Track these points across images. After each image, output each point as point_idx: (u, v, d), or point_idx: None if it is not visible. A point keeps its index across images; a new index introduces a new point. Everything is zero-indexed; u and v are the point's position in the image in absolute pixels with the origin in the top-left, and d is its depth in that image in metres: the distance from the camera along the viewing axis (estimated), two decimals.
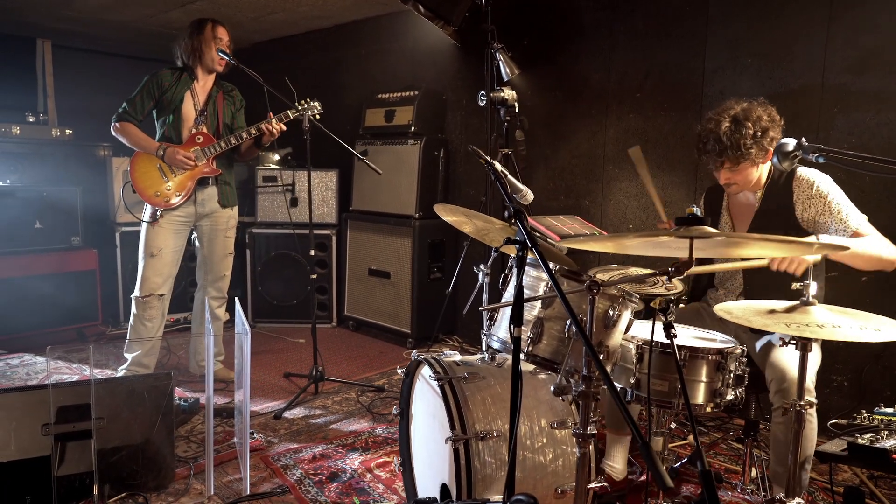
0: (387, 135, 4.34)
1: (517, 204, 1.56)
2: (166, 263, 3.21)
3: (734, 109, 2.13)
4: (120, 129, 3.15)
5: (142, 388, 2.27)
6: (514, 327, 1.43)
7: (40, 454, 2.16)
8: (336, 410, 3.22)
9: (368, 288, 4.51)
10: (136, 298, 3.22)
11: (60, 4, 4.42)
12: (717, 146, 2.11)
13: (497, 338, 1.86)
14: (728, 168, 2.16)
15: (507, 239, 1.46)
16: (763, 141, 2.08)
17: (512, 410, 1.48)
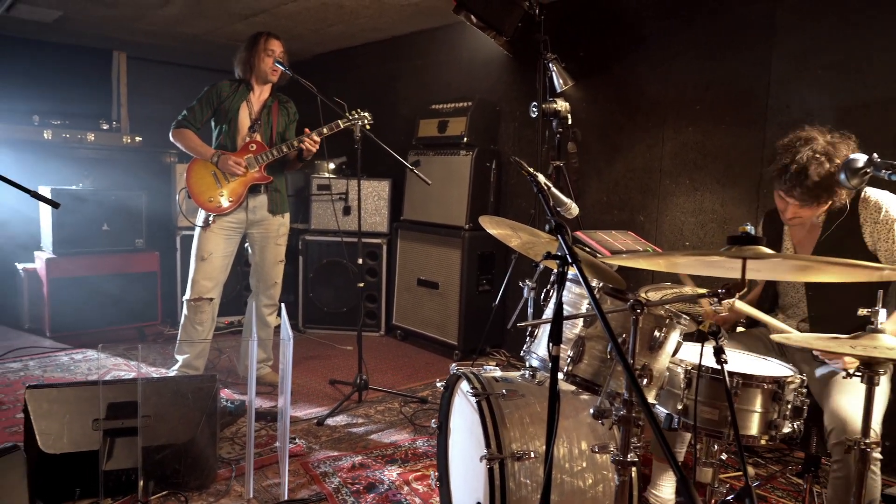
0: (439, 145, 4.34)
1: (559, 218, 1.51)
2: (216, 268, 3.29)
3: (818, 142, 1.95)
4: (178, 135, 3.26)
5: (187, 389, 2.31)
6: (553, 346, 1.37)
7: (90, 448, 2.24)
8: (378, 420, 3.21)
9: (417, 298, 4.51)
10: (187, 301, 3.31)
11: (136, 18, 4.64)
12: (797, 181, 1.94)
13: (537, 355, 1.81)
14: (797, 205, 2.01)
15: (546, 254, 1.41)
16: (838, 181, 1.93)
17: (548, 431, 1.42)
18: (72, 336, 4.38)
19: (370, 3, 4.02)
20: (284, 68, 3.23)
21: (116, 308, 4.57)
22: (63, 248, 4.35)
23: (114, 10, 4.44)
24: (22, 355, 4.01)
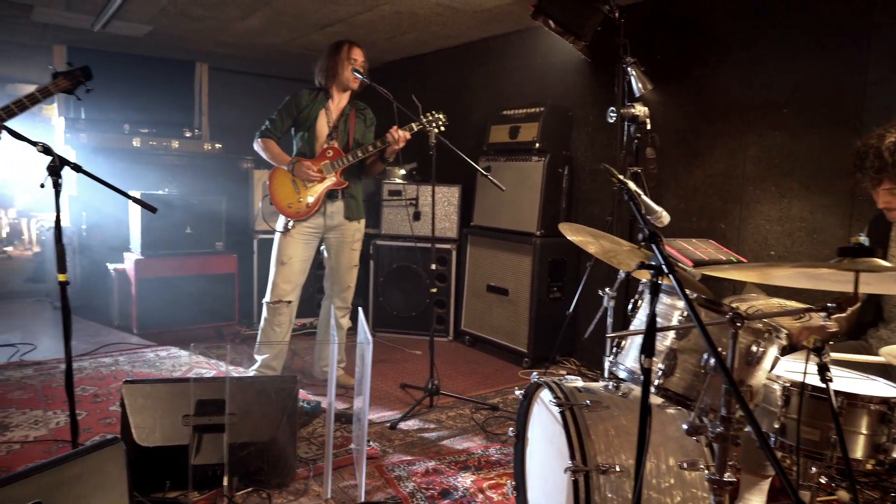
0: (511, 151, 4.33)
1: (652, 227, 1.47)
2: (295, 272, 3.38)
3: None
4: (261, 145, 3.37)
5: (270, 389, 2.38)
6: (646, 358, 1.34)
7: (180, 442, 2.33)
8: (450, 426, 3.21)
9: (486, 304, 4.50)
10: (267, 304, 3.41)
11: (219, 31, 4.84)
12: (877, 162, 1.89)
13: (624, 367, 1.76)
14: (888, 189, 1.92)
15: (640, 263, 1.37)
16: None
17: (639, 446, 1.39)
18: (156, 334, 4.60)
19: (443, 10, 4.05)
20: (363, 77, 3.29)
21: (197, 308, 4.78)
22: (150, 249, 4.57)
23: (200, 24, 4.65)
24: (112, 351, 4.24)
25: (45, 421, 3.06)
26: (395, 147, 3.25)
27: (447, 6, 3.96)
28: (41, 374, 3.73)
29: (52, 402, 3.29)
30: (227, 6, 4.12)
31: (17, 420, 3.06)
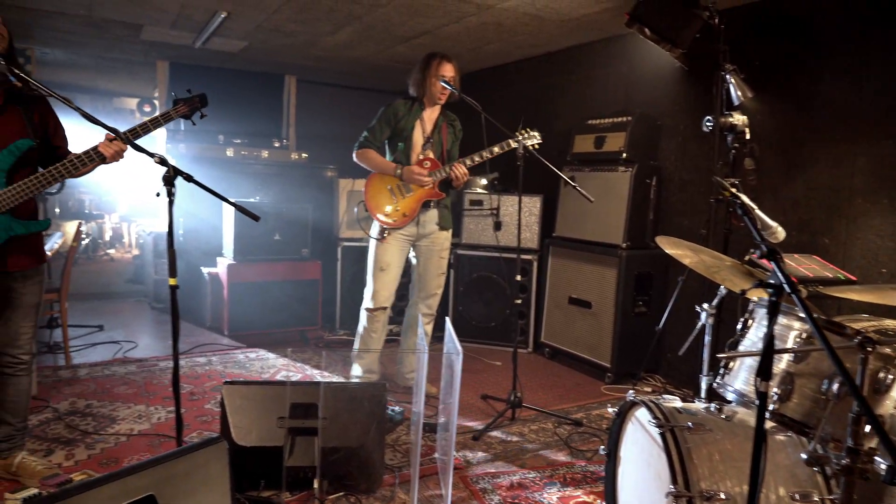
0: (596, 161, 4.25)
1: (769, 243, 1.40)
2: (393, 278, 3.46)
3: None
4: (361, 155, 3.43)
5: (361, 395, 2.42)
6: (762, 381, 1.27)
7: (274, 444, 2.41)
8: (533, 439, 3.17)
9: (568, 316, 4.42)
10: (368, 311, 3.49)
11: (309, 45, 5.02)
12: None
13: (732, 388, 1.68)
14: None
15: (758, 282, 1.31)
16: None
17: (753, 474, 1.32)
18: (245, 336, 4.79)
19: (530, 20, 4.04)
20: (453, 89, 3.31)
21: (283, 312, 4.94)
22: (242, 255, 4.77)
23: (292, 39, 4.83)
24: (206, 351, 4.44)
25: (148, 416, 3.24)
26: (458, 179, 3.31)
27: (534, 16, 3.94)
28: (143, 371, 3.95)
29: (154, 398, 3.48)
30: (319, 21, 4.26)
31: (122, 413, 3.25)
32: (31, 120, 2.28)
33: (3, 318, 2.36)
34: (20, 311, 2.37)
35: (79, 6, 4.11)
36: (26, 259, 2.33)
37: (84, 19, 4.43)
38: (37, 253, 2.39)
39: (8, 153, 2.17)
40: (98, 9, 4.17)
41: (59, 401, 3.38)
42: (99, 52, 5.78)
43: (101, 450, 2.84)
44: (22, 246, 2.29)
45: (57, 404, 3.32)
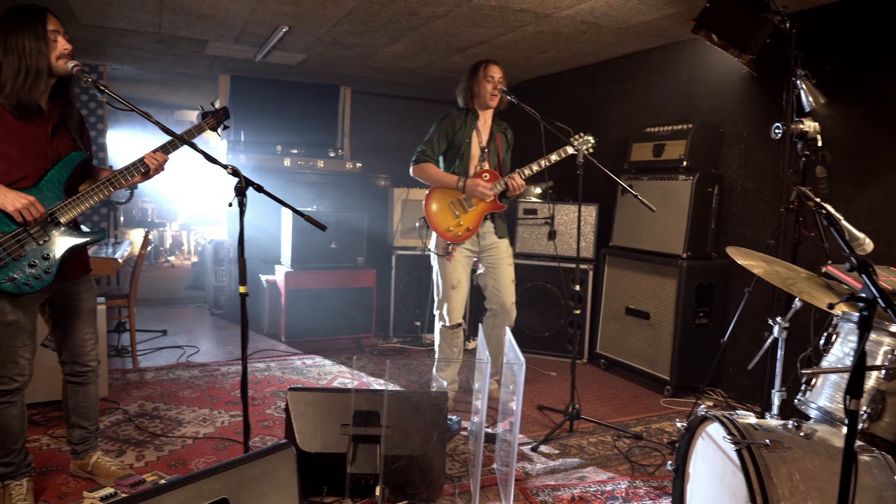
0: (654, 170, 4.17)
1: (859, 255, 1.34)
2: (464, 293, 3.48)
3: None
4: (419, 170, 3.43)
5: (424, 404, 2.43)
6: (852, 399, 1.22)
7: (337, 450, 2.44)
8: (592, 452, 3.11)
9: (624, 327, 4.34)
10: (445, 328, 3.51)
11: (366, 57, 5.10)
12: None
13: (815, 405, 1.62)
14: None
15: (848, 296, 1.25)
16: None
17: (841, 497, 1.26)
18: (301, 342, 4.88)
19: (588, 28, 4.01)
20: (507, 94, 3.31)
21: (338, 319, 5.02)
22: (299, 263, 4.87)
23: (349, 51, 4.92)
24: (264, 357, 4.54)
25: (212, 419, 3.33)
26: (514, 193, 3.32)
27: (592, 23, 3.91)
28: (206, 375, 4.07)
29: (217, 403, 3.57)
30: (376, 33, 4.34)
31: (188, 417, 3.35)
32: (78, 134, 2.37)
33: (67, 329, 2.44)
34: (82, 318, 2.46)
35: (150, 24, 4.29)
36: (80, 267, 2.42)
37: (154, 36, 4.63)
38: (86, 261, 2.48)
39: (64, 166, 2.24)
40: (168, 26, 4.35)
41: (128, 403, 3.50)
42: (165, 66, 6.02)
43: (170, 451, 2.93)
44: (77, 256, 2.37)
45: (126, 406, 3.45)
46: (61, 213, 2.20)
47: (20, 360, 2.24)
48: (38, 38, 2.12)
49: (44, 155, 2.21)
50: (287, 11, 3.89)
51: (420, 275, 5.11)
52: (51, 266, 2.19)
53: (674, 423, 3.54)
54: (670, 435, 3.36)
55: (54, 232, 2.20)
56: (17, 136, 2.15)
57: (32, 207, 2.10)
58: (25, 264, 2.14)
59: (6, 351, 2.21)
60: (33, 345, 2.29)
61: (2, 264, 2.10)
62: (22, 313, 2.21)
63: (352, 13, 3.87)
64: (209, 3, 3.79)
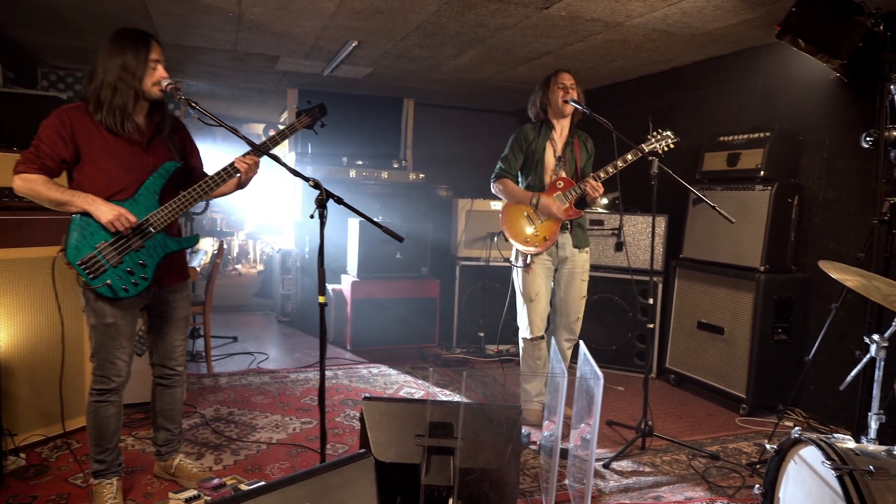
0: (728, 180, 4.04)
1: None
2: (544, 305, 3.45)
3: None
4: (499, 186, 3.45)
5: (499, 417, 2.41)
6: None
7: (411, 461, 2.44)
8: (666, 471, 3.02)
9: (696, 342, 4.21)
10: (525, 340, 3.50)
11: (431, 69, 5.16)
12: None
13: None
14: None
15: None
16: None
17: None
18: (365, 351, 4.94)
19: (659, 35, 3.93)
20: (580, 106, 3.28)
21: (402, 329, 5.06)
22: (365, 272, 4.94)
23: (415, 64, 4.99)
24: (331, 365, 4.62)
25: (284, 426, 3.40)
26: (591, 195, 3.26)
27: (663, 31, 3.83)
28: (276, 382, 4.17)
29: (288, 409, 3.65)
30: (443, 46, 4.38)
31: (261, 422, 3.43)
32: (175, 145, 2.47)
33: (160, 333, 2.56)
34: (174, 325, 2.56)
35: (227, 42, 4.46)
36: (177, 275, 2.52)
37: (230, 53, 4.81)
38: (184, 269, 2.58)
39: (158, 176, 2.34)
40: (243, 43, 4.51)
41: (204, 407, 3.62)
42: (237, 82, 6.25)
43: (245, 456, 3.01)
44: (173, 263, 2.47)
45: (203, 411, 3.56)
46: (154, 222, 2.30)
47: (118, 361, 2.36)
48: (138, 62, 2.23)
49: (140, 167, 2.32)
50: (358, 27, 3.98)
51: (484, 285, 5.10)
52: (147, 272, 2.30)
53: (752, 444, 3.40)
54: (749, 456, 3.23)
55: (149, 240, 2.31)
56: (115, 151, 2.27)
57: (123, 218, 2.20)
58: (123, 270, 2.26)
59: (105, 352, 2.34)
60: (131, 348, 2.40)
61: (101, 271, 2.22)
62: (121, 316, 2.32)
63: (421, 27, 3.92)
64: (285, 21, 3.92)
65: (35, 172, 2.17)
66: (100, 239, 2.22)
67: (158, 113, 2.40)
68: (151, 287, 2.37)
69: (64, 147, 2.20)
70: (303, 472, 1.86)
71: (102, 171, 2.25)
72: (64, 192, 2.19)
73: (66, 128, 2.20)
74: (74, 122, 2.22)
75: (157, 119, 2.39)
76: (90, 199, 2.19)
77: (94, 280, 2.21)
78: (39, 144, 2.19)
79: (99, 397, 2.38)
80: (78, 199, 2.18)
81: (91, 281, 2.21)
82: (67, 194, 2.19)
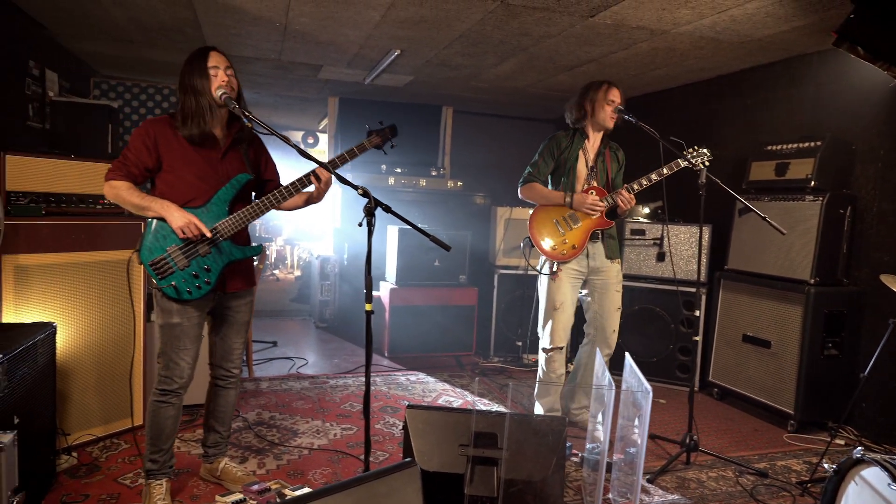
0: (776, 190, 3.94)
1: None
2: (569, 316, 3.38)
3: None
4: (526, 190, 3.43)
5: (545, 429, 2.39)
6: None
7: (454, 470, 2.43)
8: (713, 488, 2.95)
9: (741, 355, 4.11)
10: (545, 350, 3.45)
11: (472, 77, 5.17)
12: None
13: None
14: None
15: None
16: None
17: None
18: (403, 358, 4.95)
19: (706, 43, 3.87)
20: (628, 116, 3.24)
21: (439, 336, 5.06)
22: (404, 279, 4.96)
23: (455, 73, 5.00)
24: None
25: (325, 431, 3.42)
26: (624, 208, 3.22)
27: (711, 39, 3.77)
28: (315, 388, 4.20)
29: (328, 415, 3.68)
30: (486, 54, 4.38)
31: (303, 428, 3.46)
32: (248, 157, 2.55)
33: (220, 335, 2.62)
34: (234, 329, 2.62)
35: (272, 51, 4.55)
36: (241, 281, 2.57)
37: (274, 63, 4.90)
38: (250, 276, 2.63)
39: (230, 187, 2.42)
40: (288, 53, 4.59)
41: (247, 411, 3.67)
42: (280, 91, 6.36)
43: (288, 461, 3.04)
44: (239, 269, 2.53)
45: (246, 414, 3.61)
46: (222, 230, 2.38)
47: (181, 362, 2.44)
48: (201, 76, 2.35)
49: (215, 177, 2.42)
50: (402, 35, 4.01)
51: (522, 294, 5.07)
52: (210, 277, 2.39)
53: (801, 462, 3.30)
54: (799, 474, 3.14)
55: (215, 246, 2.40)
56: (192, 161, 2.39)
57: (192, 225, 2.31)
58: (189, 274, 2.36)
59: (169, 352, 2.42)
60: (195, 350, 2.48)
61: (169, 272, 2.34)
62: (187, 318, 2.41)
63: (464, 35, 3.93)
64: (330, 31, 3.97)
65: (121, 179, 2.33)
66: (171, 242, 2.34)
67: (236, 125, 2.48)
68: (216, 291, 2.46)
69: (148, 156, 2.35)
70: (350, 480, 1.87)
71: (180, 179, 2.37)
72: (144, 197, 2.33)
73: (150, 138, 2.35)
74: (158, 133, 2.36)
75: (234, 131, 2.48)
76: (166, 205, 2.32)
77: (162, 280, 2.34)
78: (127, 154, 2.35)
79: (161, 397, 2.45)
80: (155, 204, 2.32)
81: (159, 281, 2.34)
82: (147, 200, 2.32)
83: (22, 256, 2.73)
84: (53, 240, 2.84)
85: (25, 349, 2.37)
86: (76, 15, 3.90)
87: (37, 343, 2.47)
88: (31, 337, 2.44)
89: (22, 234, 2.72)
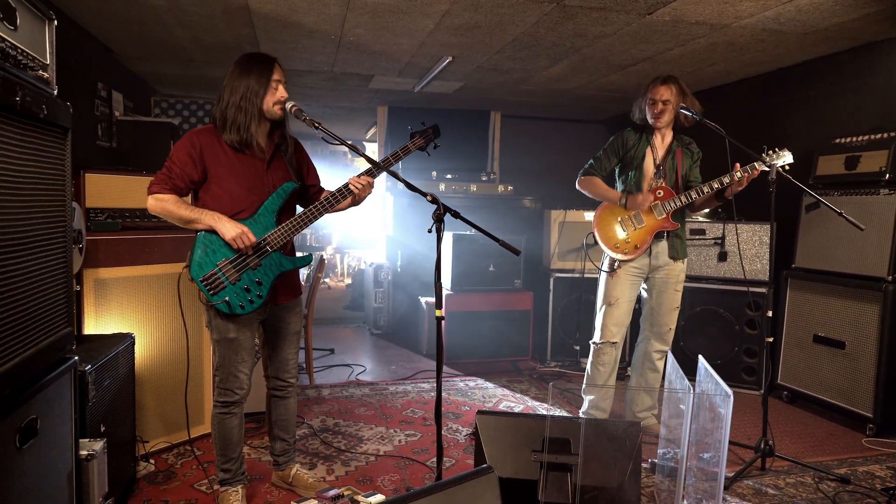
0: (847, 184, 3.79)
1: None
2: (622, 313, 3.34)
3: None
4: (584, 182, 3.40)
5: (621, 434, 2.35)
6: None
7: (526, 476, 2.41)
8: (792, 494, 2.84)
9: (812, 357, 3.96)
10: (594, 344, 3.43)
11: (522, 81, 5.15)
12: None
13: None
14: None
15: None
16: None
17: None
18: (459, 363, 4.95)
19: (768, 35, 3.76)
20: (688, 111, 3.16)
21: (495, 341, 5.04)
22: (458, 285, 4.96)
23: (506, 76, 4.99)
24: (428, 377, 4.65)
25: (389, 437, 3.44)
26: (736, 189, 3.07)
27: (773, 31, 3.66)
28: (376, 394, 4.24)
29: (391, 421, 3.70)
30: (538, 57, 4.36)
31: (367, 434, 3.49)
32: (292, 165, 2.55)
33: (274, 347, 2.64)
34: (287, 340, 2.63)
35: (325, 63, 4.63)
36: (290, 292, 2.59)
37: (327, 74, 4.99)
38: (297, 286, 2.65)
39: (277, 196, 2.42)
40: (340, 64, 4.66)
41: (311, 418, 3.72)
42: (329, 101, 6.46)
43: (356, 467, 3.06)
44: (287, 280, 2.54)
45: (310, 421, 3.66)
46: (271, 241, 2.38)
47: (240, 374, 2.46)
48: (260, 83, 2.33)
49: (260, 187, 2.42)
50: (455, 42, 4.03)
51: (579, 297, 5.01)
52: (262, 290, 2.38)
53: (884, 467, 3.16)
54: (883, 480, 3.00)
55: (265, 258, 2.38)
56: (238, 171, 2.38)
57: (245, 236, 2.28)
58: (241, 288, 2.34)
59: (228, 366, 2.44)
60: (251, 361, 2.50)
61: (220, 287, 2.32)
62: (241, 332, 2.42)
63: (517, 39, 3.92)
64: (383, 41, 4.02)
65: (167, 192, 2.30)
66: (221, 256, 2.32)
67: (278, 133, 2.50)
68: (267, 304, 2.45)
69: (193, 168, 2.32)
70: (429, 487, 1.86)
71: (226, 190, 2.36)
72: (192, 210, 2.30)
73: (195, 149, 2.33)
74: (203, 144, 2.34)
75: (277, 139, 2.49)
76: (216, 216, 2.29)
77: (214, 296, 2.31)
78: (171, 166, 2.32)
79: (223, 409, 2.49)
80: (205, 216, 2.29)
81: (211, 297, 2.30)
82: (196, 212, 2.30)
83: (101, 270, 2.83)
84: (129, 253, 2.94)
85: (109, 359, 2.46)
86: (142, 37, 4.05)
87: (118, 353, 2.56)
88: (114, 348, 2.53)
89: (102, 249, 2.83)
